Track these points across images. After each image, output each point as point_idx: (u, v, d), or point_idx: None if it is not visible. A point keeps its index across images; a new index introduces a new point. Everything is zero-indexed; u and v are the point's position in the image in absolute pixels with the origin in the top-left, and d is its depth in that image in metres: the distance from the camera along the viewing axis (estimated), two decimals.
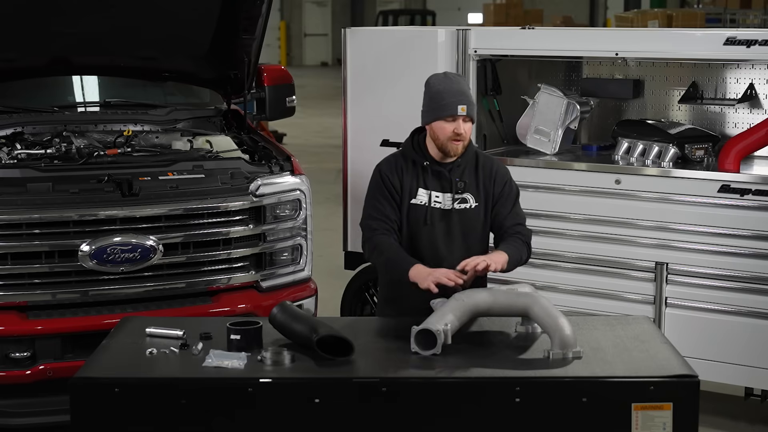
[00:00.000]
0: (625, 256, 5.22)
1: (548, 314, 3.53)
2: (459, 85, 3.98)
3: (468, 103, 3.93)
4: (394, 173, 4.03)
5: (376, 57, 5.83)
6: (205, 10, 5.39)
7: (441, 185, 4.02)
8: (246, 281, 4.94)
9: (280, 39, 34.61)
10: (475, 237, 4.07)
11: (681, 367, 3.39)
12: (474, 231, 4.06)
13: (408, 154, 4.06)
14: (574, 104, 5.68)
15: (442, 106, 3.93)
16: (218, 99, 5.89)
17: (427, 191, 4.01)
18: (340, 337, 3.45)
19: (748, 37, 4.91)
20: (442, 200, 4.02)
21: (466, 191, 4.03)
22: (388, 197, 4.01)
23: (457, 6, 33.39)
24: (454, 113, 3.90)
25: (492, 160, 4.17)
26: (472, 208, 4.04)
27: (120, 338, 3.69)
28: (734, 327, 4.97)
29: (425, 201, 4.01)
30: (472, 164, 4.06)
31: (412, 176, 4.02)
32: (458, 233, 4.03)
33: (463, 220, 4.03)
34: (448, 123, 3.93)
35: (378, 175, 4.06)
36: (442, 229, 4.02)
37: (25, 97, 5.49)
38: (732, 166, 5.02)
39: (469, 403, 3.28)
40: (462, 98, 3.92)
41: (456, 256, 3.96)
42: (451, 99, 3.91)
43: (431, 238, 4.01)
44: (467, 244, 4.04)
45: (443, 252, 4.00)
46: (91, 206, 4.61)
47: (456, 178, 4.01)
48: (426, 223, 4.00)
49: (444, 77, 4.01)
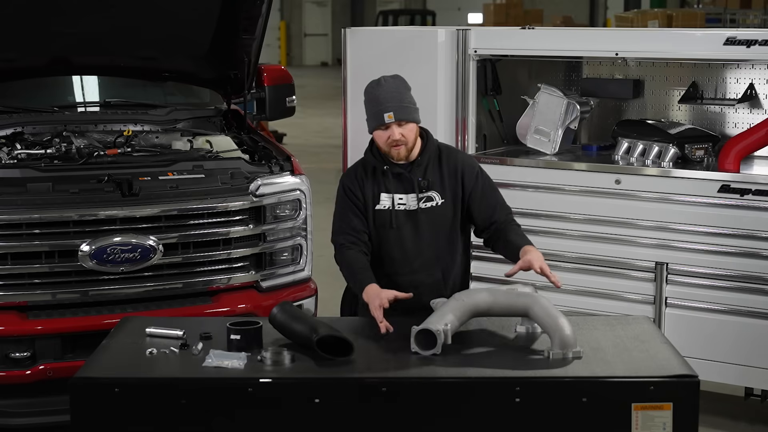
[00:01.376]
0: (625, 256, 5.22)
1: (548, 314, 3.53)
2: (389, 90, 3.92)
3: (396, 108, 3.89)
4: (355, 183, 4.04)
5: (376, 57, 5.83)
6: (205, 10, 5.39)
7: (403, 187, 4.02)
8: (246, 281, 4.94)
9: (280, 39, 34.61)
10: (444, 234, 4.07)
11: (681, 367, 3.39)
12: (443, 228, 4.06)
13: (368, 162, 4.06)
14: (574, 104, 5.69)
15: (372, 115, 3.94)
16: (218, 99, 5.89)
17: (389, 195, 4.01)
18: (340, 337, 3.45)
19: (748, 37, 4.91)
20: (407, 201, 4.01)
21: (431, 189, 4.03)
22: (353, 209, 4.01)
23: (457, 6, 33.39)
24: (383, 122, 3.90)
25: (456, 154, 4.16)
26: (439, 205, 4.03)
27: (120, 338, 3.70)
28: (734, 327, 4.97)
29: (388, 205, 4.01)
30: (434, 161, 4.05)
31: (372, 183, 4.03)
32: (426, 232, 4.03)
33: (431, 218, 4.03)
34: (383, 131, 3.93)
35: (341, 189, 4.08)
36: (409, 230, 4.02)
37: (25, 97, 5.49)
38: (732, 166, 5.02)
39: (469, 403, 3.28)
40: (389, 105, 3.88)
41: (426, 255, 4.00)
42: (378, 108, 3.90)
43: (399, 240, 4.01)
44: (437, 242, 4.05)
45: (412, 252, 4.01)
46: (91, 206, 4.60)
47: (418, 177, 4.01)
48: (392, 227, 4.00)
49: (376, 84, 3.97)
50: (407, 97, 3.96)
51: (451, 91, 5.59)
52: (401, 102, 3.93)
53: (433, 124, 5.55)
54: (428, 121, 5.53)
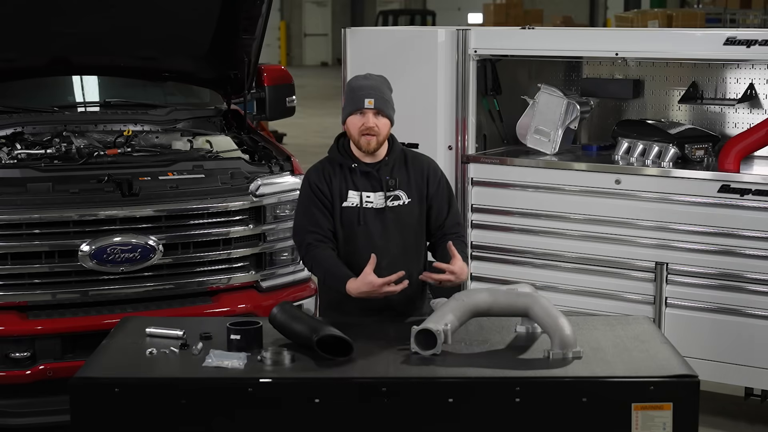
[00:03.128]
0: (625, 256, 5.22)
1: (548, 314, 3.53)
2: (373, 82, 4.00)
3: (377, 97, 3.94)
4: (322, 180, 4.03)
5: (376, 57, 5.82)
6: (205, 10, 5.39)
7: (371, 185, 4.03)
8: (246, 281, 4.94)
9: (280, 39, 34.60)
10: (411, 232, 4.08)
11: (681, 367, 3.39)
12: (409, 226, 4.07)
13: (334, 159, 4.07)
14: (574, 104, 5.68)
15: (351, 100, 3.97)
16: (218, 99, 5.89)
17: (357, 192, 4.01)
18: (340, 337, 3.45)
19: (748, 37, 4.90)
20: (374, 199, 4.02)
21: (398, 188, 4.04)
22: (318, 206, 4.01)
23: (457, 6, 33.38)
24: (361, 106, 3.93)
25: (421, 157, 4.18)
26: (406, 204, 4.04)
27: (120, 338, 3.70)
28: (734, 327, 4.97)
29: (356, 202, 4.01)
30: (401, 162, 4.07)
31: (340, 180, 4.02)
32: (394, 230, 4.04)
33: (398, 216, 4.04)
34: (359, 117, 3.95)
35: (306, 185, 4.06)
36: (377, 227, 4.02)
37: (25, 97, 5.49)
38: (732, 166, 5.02)
39: (469, 403, 3.28)
40: (371, 92, 3.94)
41: (393, 253, 4.00)
42: (360, 93, 3.95)
43: (367, 238, 4.01)
44: (404, 240, 4.06)
45: (380, 250, 3.99)
46: (91, 206, 4.61)
47: (386, 176, 4.02)
48: (360, 224, 4.00)
49: (363, 77, 4.04)
50: (388, 94, 4.02)
51: (451, 91, 5.58)
52: (383, 95, 3.98)
53: (433, 124, 5.58)
54: (428, 121, 5.58)
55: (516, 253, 5.49)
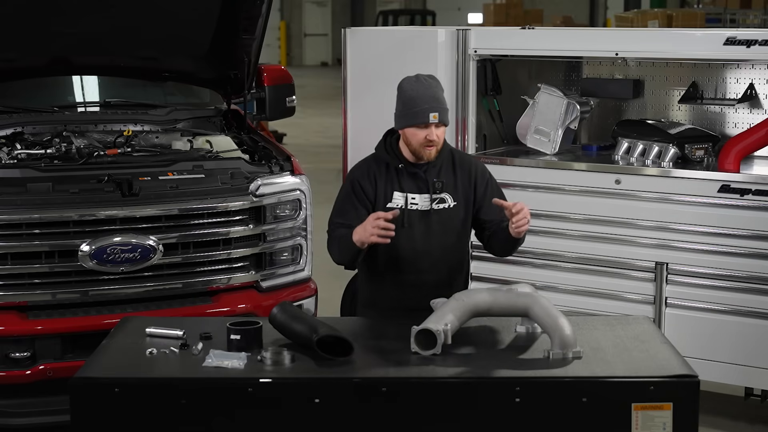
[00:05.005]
0: (625, 256, 5.22)
1: (548, 314, 3.53)
2: (432, 90, 3.92)
3: (440, 109, 3.89)
4: (367, 180, 4.01)
5: (376, 57, 5.83)
6: (205, 10, 5.39)
7: (417, 186, 4.00)
8: (246, 281, 4.94)
9: (280, 39, 34.60)
10: (454, 235, 4.06)
11: (681, 367, 3.39)
12: (453, 230, 4.06)
13: (381, 158, 4.04)
14: (574, 104, 5.69)
15: (414, 113, 3.89)
16: (218, 99, 5.89)
17: (402, 194, 4.00)
18: (340, 337, 3.45)
19: (748, 37, 4.91)
20: (419, 201, 4.00)
21: (444, 191, 4.02)
22: (357, 206, 3.99)
23: (457, 6, 33.39)
24: (426, 121, 3.87)
25: (469, 159, 4.17)
26: (451, 207, 4.03)
27: (120, 338, 3.70)
28: (734, 327, 4.97)
29: (401, 204, 3.99)
30: (448, 163, 4.05)
31: (386, 180, 4.00)
32: (437, 233, 4.02)
33: (443, 219, 4.02)
34: (421, 130, 3.90)
35: (350, 184, 4.04)
36: (420, 229, 4.01)
37: (25, 97, 5.49)
38: (732, 166, 5.03)
39: (469, 403, 3.28)
40: (435, 105, 3.88)
41: (435, 256, 4.00)
42: (423, 106, 3.88)
43: (410, 240, 4.00)
44: (446, 244, 4.04)
45: (421, 252, 4.00)
46: (91, 206, 4.60)
47: (433, 178, 4.00)
48: (403, 226, 3.97)
49: (416, 81, 3.95)
50: (444, 99, 3.96)
51: (451, 91, 5.58)
52: (443, 104, 3.93)
53: None
54: None
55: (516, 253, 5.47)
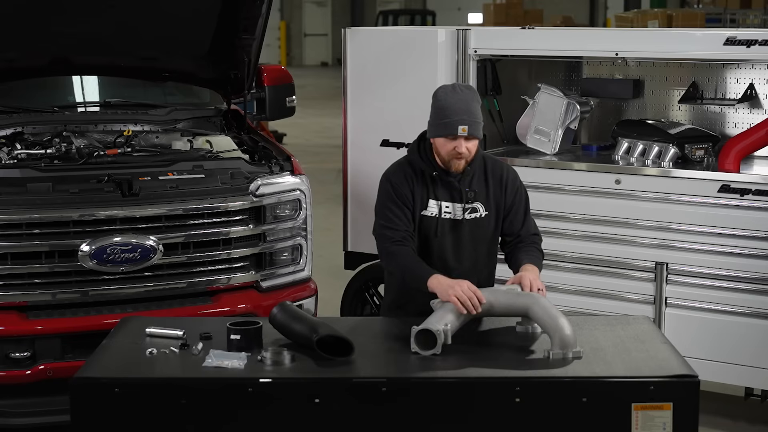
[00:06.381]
0: (625, 256, 5.22)
1: (548, 314, 3.54)
2: (464, 102, 3.83)
3: (471, 122, 3.81)
4: (404, 184, 3.95)
5: (376, 57, 5.83)
6: (205, 10, 5.40)
7: (451, 195, 3.96)
8: (246, 281, 4.94)
9: (280, 39, 34.61)
10: (485, 245, 4.05)
11: (681, 367, 3.39)
12: (484, 240, 4.03)
13: (416, 163, 3.98)
14: (574, 104, 5.68)
15: (444, 124, 3.83)
16: (218, 99, 5.89)
17: (437, 202, 3.95)
18: (340, 337, 3.45)
19: (748, 37, 4.91)
20: (452, 210, 3.96)
21: (476, 200, 3.98)
22: (400, 206, 3.92)
23: (457, 6, 33.40)
24: (455, 133, 3.81)
25: (501, 166, 4.10)
26: (483, 217, 4.00)
27: (120, 338, 3.70)
28: (734, 327, 4.97)
29: (436, 212, 3.95)
30: (480, 171, 4.00)
31: (422, 187, 3.95)
32: (468, 242, 4.00)
33: (474, 229, 3.99)
34: (450, 141, 3.84)
35: (388, 185, 3.97)
36: (452, 239, 3.98)
37: (25, 97, 5.49)
38: (732, 166, 5.02)
39: (469, 403, 3.28)
40: (465, 117, 3.81)
41: (465, 266, 3.97)
42: (454, 118, 3.81)
43: (441, 249, 3.97)
44: (476, 253, 4.02)
45: (452, 262, 3.97)
46: (91, 206, 4.60)
47: (465, 187, 3.95)
48: (436, 235, 3.95)
49: (451, 90, 3.88)
50: (478, 111, 3.87)
51: None
52: (475, 117, 3.84)
53: None
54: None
55: None
